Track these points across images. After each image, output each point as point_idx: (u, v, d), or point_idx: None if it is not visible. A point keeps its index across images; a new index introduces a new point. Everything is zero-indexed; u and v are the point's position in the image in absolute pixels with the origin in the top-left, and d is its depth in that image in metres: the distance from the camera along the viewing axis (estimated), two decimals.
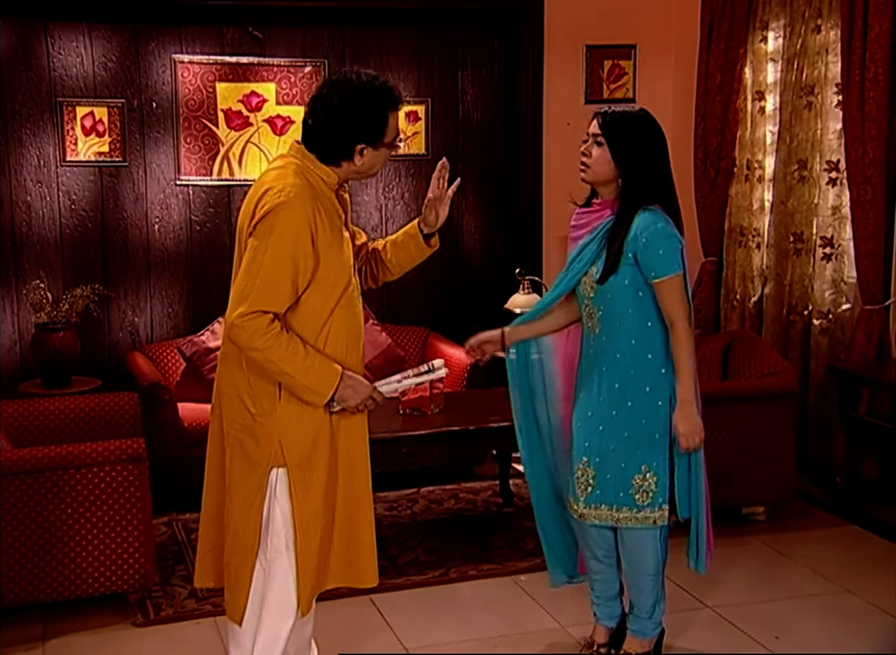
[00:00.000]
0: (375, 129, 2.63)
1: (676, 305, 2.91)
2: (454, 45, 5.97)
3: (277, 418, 2.68)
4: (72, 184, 5.51)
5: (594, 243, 3.00)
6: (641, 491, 3.03)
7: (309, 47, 5.73)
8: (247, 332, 2.56)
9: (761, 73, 5.57)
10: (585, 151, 3.01)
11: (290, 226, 2.53)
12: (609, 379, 3.01)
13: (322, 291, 2.63)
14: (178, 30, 5.56)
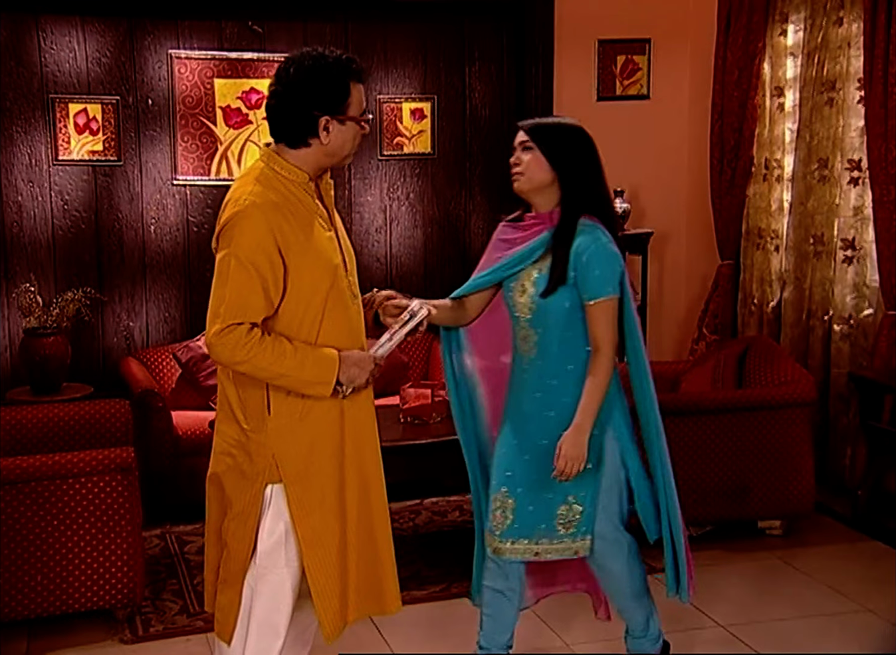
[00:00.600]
0: (336, 98, 2.58)
1: (606, 330, 2.84)
2: (461, 39, 5.97)
3: (269, 432, 2.64)
4: (64, 184, 5.50)
5: (528, 258, 2.90)
6: (566, 522, 2.96)
7: (310, 42, 5.69)
8: (227, 348, 2.55)
9: (780, 67, 5.54)
10: (515, 161, 2.94)
11: (250, 234, 2.52)
12: (542, 407, 2.93)
13: (301, 298, 2.60)
14: (175, 24, 5.55)
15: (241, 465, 2.68)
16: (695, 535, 4.56)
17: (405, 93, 5.89)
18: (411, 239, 5.99)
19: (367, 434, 2.75)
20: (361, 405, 2.72)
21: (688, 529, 4.45)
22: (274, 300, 2.57)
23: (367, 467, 2.73)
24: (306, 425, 2.65)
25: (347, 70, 2.59)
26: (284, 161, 2.62)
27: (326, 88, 2.57)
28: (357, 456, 2.72)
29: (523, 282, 2.92)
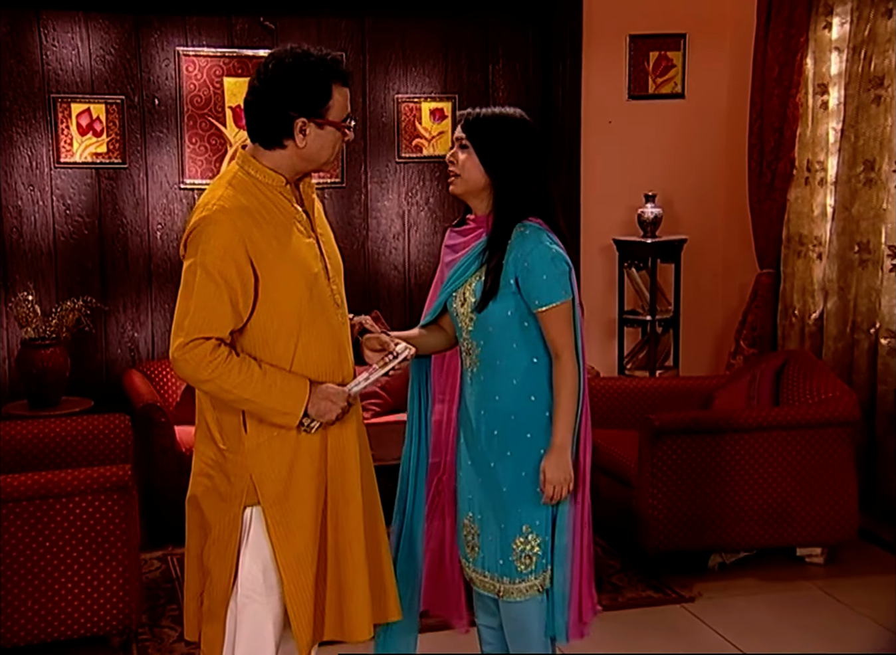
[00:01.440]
0: (315, 100, 2.55)
1: (564, 336, 2.77)
2: (484, 35, 5.96)
3: (246, 452, 2.62)
4: (66, 188, 5.51)
5: (470, 266, 2.84)
6: (524, 556, 2.84)
7: (325, 39, 5.71)
8: (190, 365, 2.52)
9: (824, 63, 5.48)
10: (451, 159, 2.86)
11: (217, 241, 2.50)
12: (487, 425, 2.86)
13: (274, 309, 2.57)
14: (183, 20, 5.57)
15: (218, 487, 2.65)
16: (728, 563, 4.49)
17: (425, 92, 5.89)
18: (431, 246, 5.95)
19: (350, 454, 2.71)
20: (346, 422, 2.69)
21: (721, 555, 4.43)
22: (243, 312, 2.55)
23: (348, 489, 2.70)
24: (285, 444, 2.62)
25: (330, 71, 2.56)
26: (259, 164, 2.60)
27: (305, 88, 2.54)
28: (339, 477, 2.69)
29: (464, 291, 2.87)
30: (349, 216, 5.89)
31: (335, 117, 2.59)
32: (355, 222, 5.91)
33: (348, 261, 5.75)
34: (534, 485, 2.82)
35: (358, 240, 5.92)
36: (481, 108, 2.87)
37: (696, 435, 4.28)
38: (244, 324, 2.57)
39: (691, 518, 4.31)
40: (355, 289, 5.85)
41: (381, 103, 5.84)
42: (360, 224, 5.92)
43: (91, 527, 3.68)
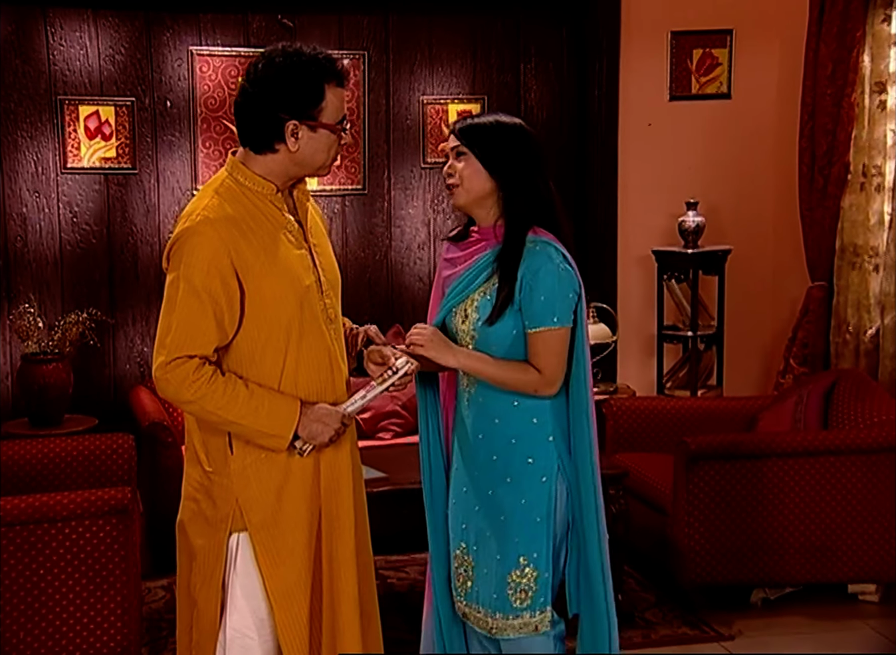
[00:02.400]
0: (307, 101, 2.55)
1: (545, 363, 2.73)
2: (515, 33, 5.95)
3: (232, 474, 2.61)
4: (74, 194, 5.54)
5: (474, 280, 2.82)
6: (519, 591, 2.80)
7: (346, 37, 5.73)
8: (172, 385, 2.53)
9: (883, 60, 5.41)
10: (448, 171, 2.85)
11: (201, 253, 2.51)
12: (486, 450, 2.84)
13: (262, 324, 2.57)
14: (197, 17, 5.59)
15: (204, 512, 2.65)
16: (772, 599, 4.41)
17: (452, 93, 5.88)
18: None
19: (344, 477, 2.70)
20: (340, 444, 2.68)
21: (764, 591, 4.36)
22: (228, 328, 2.55)
23: (342, 514, 2.69)
24: (274, 466, 2.61)
25: (323, 70, 2.56)
26: (248, 170, 2.61)
27: (297, 89, 2.54)
28: (333, 502, 2.68)
29: (466, 307, 2.85)
30: (371, 224, 5.88)
31: (329, 119, 2.59)
32: (377, 231, 5.90)
33: (370, 272, 5.91)
34: (533, 514, 2.80)
35: (380, 250, 5.91)
36: (473, 115, 2.91)
37: (735, 460, 4.24)
38: (230, 340, 2.57)
39: (731, 549, 4.25)
40: (377, 301, 5.91)
41: (405, 105, 5.84)
42: (383, 233, 5.91)
43: (88, 553, 3.68)
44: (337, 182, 5.79)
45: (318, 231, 2.75)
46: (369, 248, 5.85)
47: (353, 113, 5.74)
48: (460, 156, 2.82)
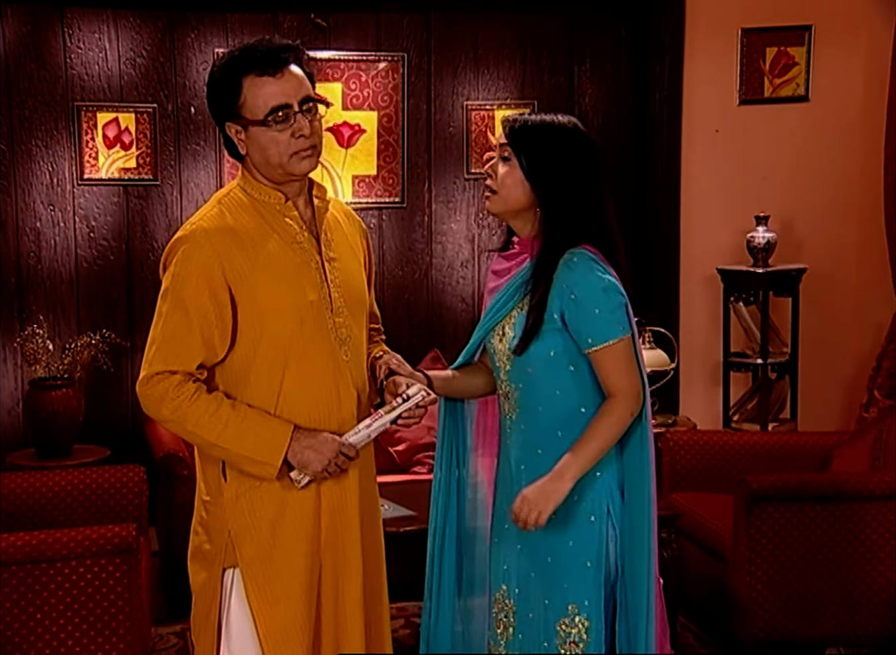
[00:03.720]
0: (224, 100, 2.58)
1: (622, 378, 2.67)
2: (569, 32, 5.95)
3: (225, 504, 2.62)
4: (91, 207, 5.59)
5: (512, 297, 2.79)
6: (569, 643, 2.74)
7: (384, 38, 5.76)
8: (151, 400, 2.56)
9: None
10: (489, 171, 2.80)
11: (191, 264, 2.55)
12: (527, 482, 2.74)
13: (257, 340, 2.59)
14: (224, 17, 5.64)
15: (202, 546, 2.67)
16: None
17: (499, 98, 5.89)
18: None
19: (350, 515, 2.68)
20: (347, 477, 2.66)
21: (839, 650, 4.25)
22: (218, 346, 2.57)
23: (348, 556, 2.67)
24: (268, 497, 2.61)
25: (237, 63, 2.57)
26: (255, 180, 2.65)
27: (216, 90, 2.61)
28: (338, 542, 2.66)
29: (504, 324, 2.81)
30: (410, 240, 5.87)
31: (253, 115, 2.56)
32: (417, 248, 5.89)
33: (409, 292, 5.90)
34: (582, 557, 2.74)
35: (420, 268, 5.90)
36: (529, 114, 2.83)
37: (802, 502, 4.12)
38: (223, 357, 2.59)
39: (799, 601, 4.13)
40: (416, 323, 5.89)
41: (448, 111, 5.85)
42: (423, 249, 5.90)
43: (89, 596, 3.66)
44: (373, 194, 5.79)
45: (342, 244, 2.74)
46: (408, 266, 5.84)
47: (392, 119, 5.76)
48: (505, 160, 2.78)
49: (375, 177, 5.78)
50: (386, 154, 5.79)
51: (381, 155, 5.81)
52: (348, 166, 5.76)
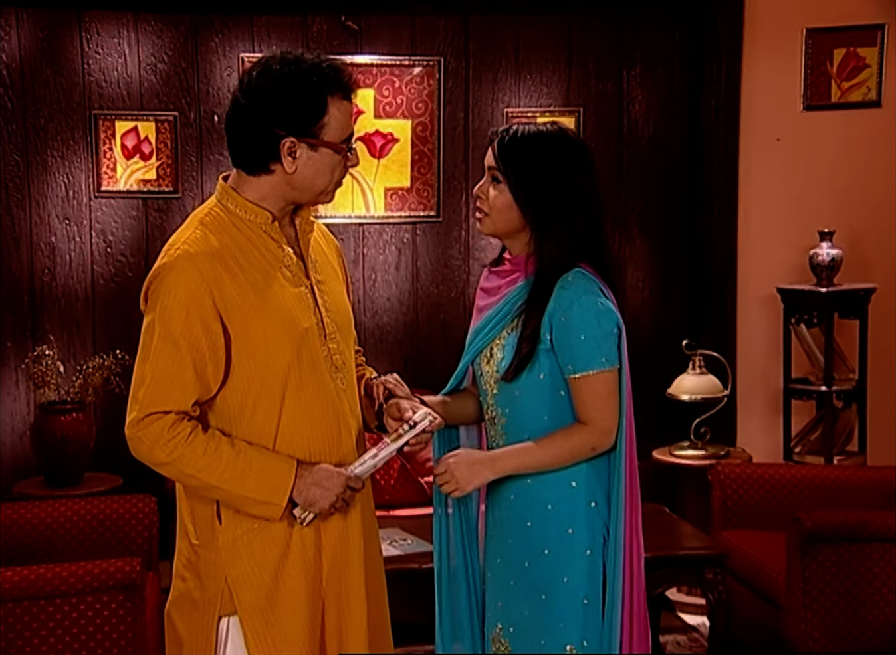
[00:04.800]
0: (306, 115, 2.55)
1: (594, 411, 2.72)
2: (618, 34, 5.94)
3: (220, 548, 2.59)
4: (108, 221, 5.62)
5: (502, 319, 2.81)
6: None
7: (420, 41, 5.76)
8: (144, 444, 2.53)
9: None
10: (480, 193, 2.84)
11: (178, 293, 2.51)
12: (520, 515, 2.81)
13: (253, 374, 2.57)
14: (250, 20, 5.66)
15: (191, 592, 2.63)
16: None
17: (542, 104, 5.88)
18: None
19: (353, 552, 2.67)
20: (349, 512, 2.65)
21: None
22: (212, 380, 2.55)
23: (350, 598, 2.66)
24: (268, 539, 2.59)
25: (326, 80, 2.55)
26: (240, 197, 2.62)
27: (294, 101, 2.54)
28: (341, 581, 2.65)
29: (492, 346, 2.84)
30: (446, 257, 5.85)
31: (332, 137, 2.58)
32: (454, 264, 5.87)
33: (444, 311, 5.88)
34: (580, 595, 2.75)
35: (457, 286, 5.89)
36: (518, 126, 2.83)
37: (864, 543, 4.08)
38: (215, 393, 2.57)
39: (860, 651, 4.06)
40: (452, 345, 5.83)
41: (486, 119, 5.83)
42: (460, 266, 5.89)
43: (90, 635, 3.67)
44: (407, 208, 5.79)
45: (325, 265, 2.74)
46: (444, 284, 5.82)
47: (427, 128, 5.75)
48: (495, 182, 2.81)
49: (409, 190, 5.77)
50: (420, 165, 5.77)
51: (416, 166, 5.79)
52: (380, 178, 5.75)
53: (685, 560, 4.15)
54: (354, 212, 5.75)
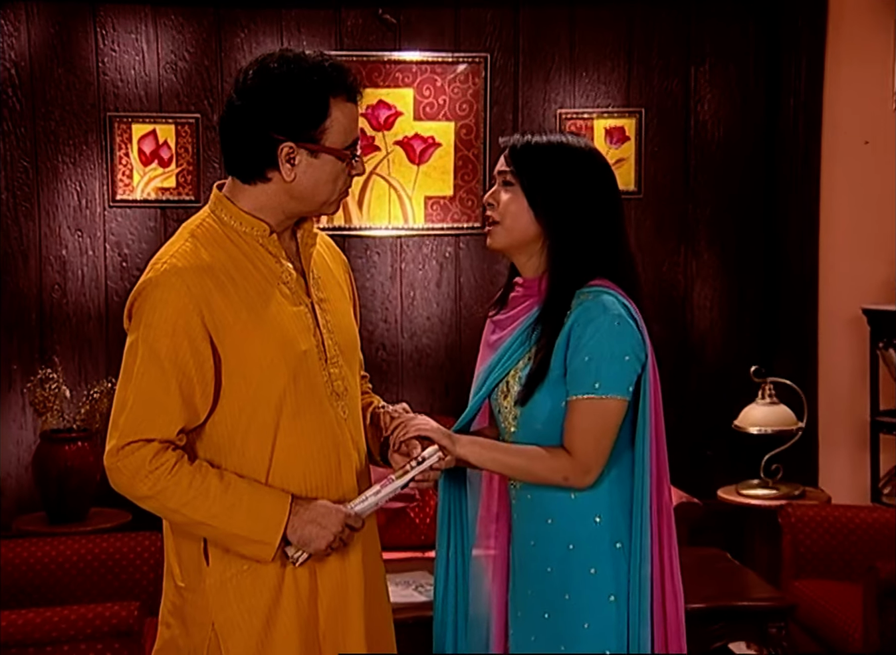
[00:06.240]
0: (306, 118, 2.53)
1: (580, 441, 2.67)
2: (685, 27, 5.92)
3: (207, 591, 2.57)
4: (123, 233, 5.66)
5: (518, 349, 2.78)
6: None
7: (464, 36, 5.76)
8: (124, 476, 2.50)
9: None
10: (490, 199, 2.83)
11: (164, 311, 2.49)
12: (539, 560, 2.78)
13: (245, 399, 2.55)
14: (279, 14, 5.69)
15: (176, 640, 2.62)
16: None
17: (599, 105, 5.88)
18: None
19: (352, 597, 2.64)
20: (347, 554, 2.62)
21: None
22: (200, 406, 2.53)
23: (349, 639, 2.63)
24: (259, 582, 2.57)
25: (328, 81, 2.53)
26: (234, 207, 2.59)
27: (293, 103, 2.52)
28: (339, 629, 2.62)
29: (508, 379, 2.82)
30: (492, 272, 5.83)
31: (334, 142, 2.56)
32: (500, 280, 5.68)
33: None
34: (603, 644, 2.72)
35: None
36: (532, 133, 2.83)
37: None
38: (203, 421, 2.55)
39: None
40: None
41: (538, 120, 5.82)
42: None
43: None
44: (449, 218, 5.78)
45: (329, 281, 2.72)
46: (489, 303, 5.75)
47: (471, 131, 5.75)
48: (507, 186, 2.80)
49: (452, 199, 5.77)
50: (464, 171, 5.77)
51: (459, 172, 5.79)
52: (420, 186, 5.75)
53: (746, 612, 4.09)
54: (391, 223, 5.75)
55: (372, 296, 5.78)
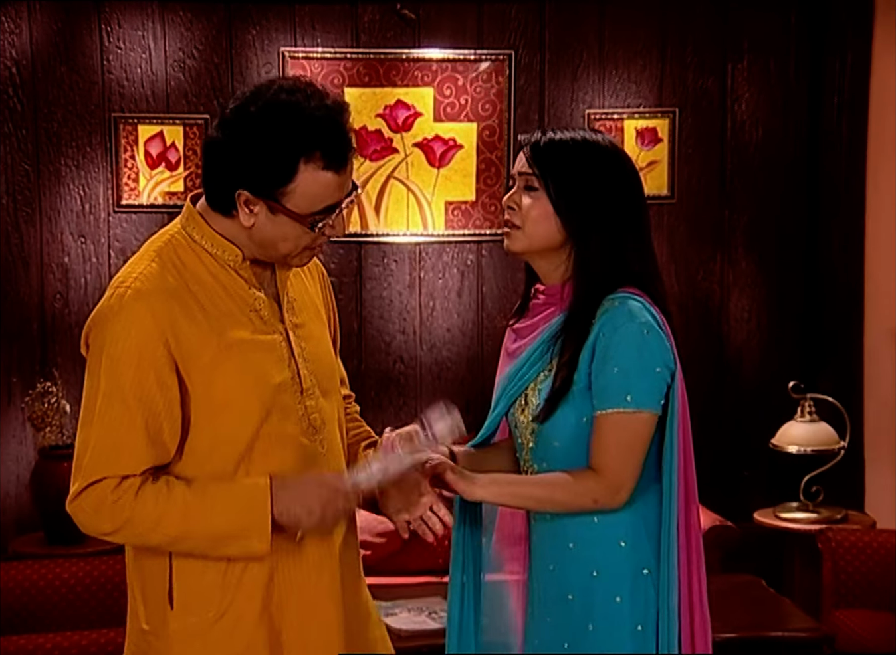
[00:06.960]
0: (269, 174, 2.44)
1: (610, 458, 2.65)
2: (721, 22, 5.93)
3: (171, 637, 2.52)
4: (129, 239, 5.66)
5: (538, 360, 2.75)
6: None
7: (487, 32, 5.77)
8: (88, 515, 2.45)
9: None
10: (511, 203, 2.78)
11: (127, 340, 2.43)
12: (560, 586, 2.75)
13: (218, 433, 2.49)
14: (292, 10, 5.70)
15: None
16: None
17: (630, 105, 5.89)
18: None
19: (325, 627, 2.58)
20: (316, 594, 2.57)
21: None
22: (169, 442, 2.47)
23: None
24: (226, 629, 2.52)
25: (305, 143, 2.44)
26: (207, 226, 2.53)
27: (258, 156, 2.45)
28: None
29: (527, 392, 2.79)
30: (516, 281, 5.75)
31: (297, 207, 2.46)
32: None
33: None
34: None
35: None
36: (554, 130, 2.78)
37: None
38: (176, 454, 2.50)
39: None
40: None
41: (565, 121, 5.83)
42: None
43: None
44: (471, 225, 5.78)
45: (305, 305, 2.67)
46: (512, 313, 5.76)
47: (494, 133, 5.76)
48: (530, 190, 2.75)
49: (474, 204, 5.77)
50: (487, 175, 5.76)
51: (482, 176, 5.79)
52: (440, 190, 5.75)
53: (780, 643, 4.08)
54: (410, 229, 5.76)
55: (389, 306, 5.78)
